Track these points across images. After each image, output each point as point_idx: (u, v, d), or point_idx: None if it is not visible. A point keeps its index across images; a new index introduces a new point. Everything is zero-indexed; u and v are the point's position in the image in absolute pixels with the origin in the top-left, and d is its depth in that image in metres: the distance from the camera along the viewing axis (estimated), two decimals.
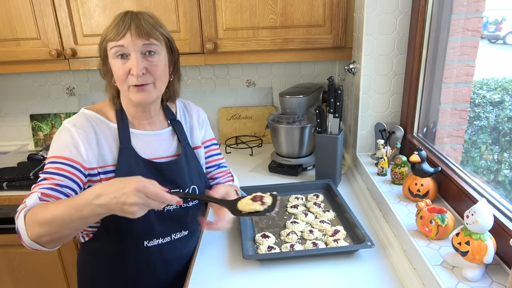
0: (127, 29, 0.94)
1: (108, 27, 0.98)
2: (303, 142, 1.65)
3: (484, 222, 0.80)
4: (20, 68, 1.71)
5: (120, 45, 0.95)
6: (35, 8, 1.58)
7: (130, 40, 0.94)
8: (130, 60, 0.96)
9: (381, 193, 1.24)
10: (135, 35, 0.94)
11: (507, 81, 1.41)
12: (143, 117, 1.08)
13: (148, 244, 1.06)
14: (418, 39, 1.32)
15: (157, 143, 1.09)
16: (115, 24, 0.96)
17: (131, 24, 0.95)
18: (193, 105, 1.25)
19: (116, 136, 1.03)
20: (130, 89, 0.98)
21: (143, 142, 1.06)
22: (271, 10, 1.56)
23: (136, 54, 0.95)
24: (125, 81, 0.97)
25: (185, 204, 1.11)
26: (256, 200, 0.91)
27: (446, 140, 1.35)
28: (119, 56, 0.96)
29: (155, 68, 0.98)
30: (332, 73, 1.97)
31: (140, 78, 0.95)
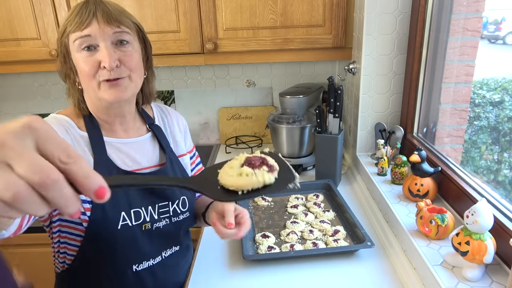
0: (92, 15, 0.81)
1: (67, 18, 0.83)
2: (303, 142, 1.65)
3: (484, 222, 0.80)
4: (20, 68, 1.71)
5: (85, 35, 0.81)
6: (35, 8, 1.58)
7: (98, 28, 0.81)
8: (99, 51, 0.82)
9: (381, 193, 1.24)
10: (104, 22, 0.81)
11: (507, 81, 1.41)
12: (117, 122, 0.93)
13: (137, 269, 0.92)
14: (418, 39, 1.32)
15: (137, 152, 0.95)
16: (76, 13, 0.82)
17: (97, 9, 0.82)
18: (171, 109, 1.11)
19: (89, 145, 0.87)
20: (101, 85, 0.83)
21: (121, 152, 0.92)
22: (271, 10, 1.56)
23: (106, 43, 0.82)
24: (93, 77, 0.82)
25: (176, 218, 0.97)
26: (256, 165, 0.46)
27: (446, 140, 1.35)
28: (85, 49, 0.82)
29: (129, 59, 0.84)
30: (332, 73, 1.97)
31: (113, 71, 0.82)
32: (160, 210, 0.94)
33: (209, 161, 1.86)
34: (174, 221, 0.97)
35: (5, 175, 0.31)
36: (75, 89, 0.90)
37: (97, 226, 0.85)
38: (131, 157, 0.93)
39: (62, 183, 0.33)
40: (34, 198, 0.32)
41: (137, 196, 0.91)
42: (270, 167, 0.46)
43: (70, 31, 0.82)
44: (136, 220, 0.89)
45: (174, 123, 1.07)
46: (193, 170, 1.13)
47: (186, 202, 0.99)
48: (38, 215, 0.34)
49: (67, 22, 0.83)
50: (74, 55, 0.84)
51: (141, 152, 0.96)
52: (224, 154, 1.95)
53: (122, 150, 0.93)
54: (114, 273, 0.91)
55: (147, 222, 0.91)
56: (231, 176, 0.45)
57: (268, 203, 1.37)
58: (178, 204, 0.97)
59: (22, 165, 0.31)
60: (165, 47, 1.62)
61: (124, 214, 0.87)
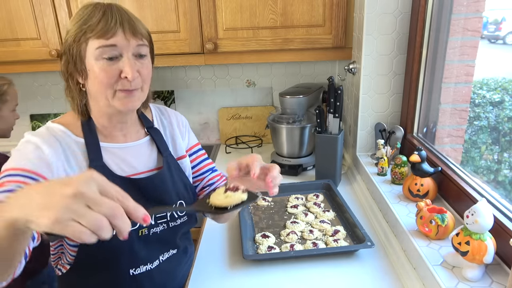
0: (119, 25, 0.79)
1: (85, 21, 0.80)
2: (303, 142, 1.65)
3: (484, 222, 0.80)
4: (20, 68, 1.71)
5: (110, 45, 0.79)
6: (35, 8, 1.58)
7: (124, 39, 0.80)
8: (121, 61, 0.81)
9: (381, 193, 1.24)
10: (130, 33, 0.80)
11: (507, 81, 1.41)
12: (117, 127, 0.92)
13: (134, 273, 0.91)
14: (418, 39, 1.32)
15: (134, 156, 0.94)
16: (99, 18, 0.79)
17: (123, 19, 0.80)
18: (170, 110, 1.09)
19: (84, 152, 0.87)
20: (116, 94, 0.83)
21: (117, 157, 0.91)
22: (271, 10, 1.56)
23: (129, 54, 0.81)
24: (111, 86, 0.82)
25: (173, 223, 0.96)
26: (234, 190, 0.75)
27: (446, 140, 1.35)
28: (106, 58, 0.80)
29: (146, 71, 0.86)
30: (332, 73, 1.97)
31: (133, 82, 0.83)
32: (158, 216, 0.93)
33: None
34: (172, 225, 0.96)
35: (90, 213, 0.48)
36: (79, 92, 0.88)
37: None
38: (127, 162, 0.92)
39: (124, 214, 0.51)
40: (108, 226, 0.49)
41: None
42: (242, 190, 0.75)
43: (92, 36, 0.79)
44: (132, 226, 0.86)
45: (173, 124, 1.06)
46: (199, 165, 1.10)
47: (183, 206, 0.98)
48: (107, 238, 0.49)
49: (87, 27, 0.79)
50: (90, 61, 0.81)
51: (138, 156, 0.95)
52: (224, 154, 1.95)
53: (119, 155, 0.91)
54: (111, 277, 0.90)
55: (144, 228, 0.91)
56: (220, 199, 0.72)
57: (268, 203, 1.37)
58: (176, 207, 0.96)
59: (100, 206, 0.49)
60: (165, 47, 1.62)
61: None
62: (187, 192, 1.01)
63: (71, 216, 0.47)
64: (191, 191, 1.03)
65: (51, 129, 0.86)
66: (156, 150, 0.99)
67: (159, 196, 0.93)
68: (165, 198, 0.94)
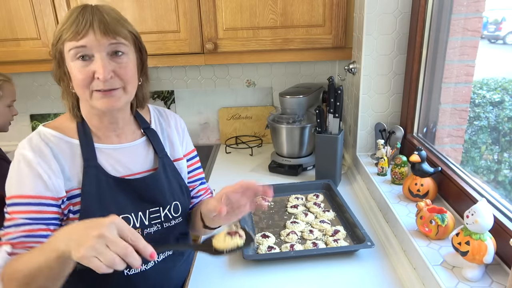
0: (89, 26, 0.79)
1: (63, 24, 0.82)
2: (303, 142, 1.65)
3: (484, 222, 0.80)
4: (20, 68, 1.71)
5: (81, 46, 0.80)
6: (35, 8, 1.58)
7: (94, 39, 0.80)
8: (94, 61, 0.81)
9: (381, 193, 1.24)
10: (100, 33, 0.80)
11: (507, 81, 1.41)
12: (110, 128, 0.93)
13: (129, 273, 0.92)
14: (418, 39, 1.32)
15: (129, 157, 0.94)
16: (72, 21, 0.80)
17: (93, 19, 0.80)
18: (169, 112, 1.09)
19: (79, 154, 0.88)
20: (93, 95, 0.84)
21: (112, 158, 0.92)
22: (271, 10, 1.56)
23: (101, 54, 0.81)
24: (87, 86, 0.83)
25: (167, 223, 0.96)
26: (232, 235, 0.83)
27: (446, 140, 1.35)
28: (79, 58, 0.81)
29: (124, 71, 0.84)
30: (332, 73, 1.97)
31: (107, 82, 0.82)
32: (151, 216, 0.93)
33: (209, 161, 1.86)
34: (166, 226, 0.96)
35: (107, 252, 0.62)
36: (69, 93, 0.89)
37: None
38: (122, 163, 0.93)
39: (133, 252, 0.64)
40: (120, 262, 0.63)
41: (127, 202, 0.90)
42: (240, 236, 0.83)
43: (66, 39, 0.81)
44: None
45: (172, 126, 1.06)
46: (191, 173, 1.10)
47: (178, 207, 0.98)
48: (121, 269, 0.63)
49: (63, 29, 0.81)
50: (69, 63, 0.83)
51: (133, 157, 0.95)
52: (224, 154, 1.95)
53: (113, 156, 0.92)
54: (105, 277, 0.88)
55: (137, 228, 0.91)
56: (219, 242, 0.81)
57: (268, 203, 1.37)
58: (170, 209, 0.96)
59: (116, 247, 0.63)
60: (165, 47, 1.62)
61: None
62: (182, 193, 1.01)
63: (94, 254, 0.62)
64: (186, 193, 1.03)
65: (43, 135, 0.87)
66: (152, 151, 0.99)
67: (154, 197, 0.94)
68: (160, 198, 0.95)
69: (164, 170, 0.97)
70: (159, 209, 0.95)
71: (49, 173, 0.83)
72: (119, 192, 0.90)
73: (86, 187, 0.86)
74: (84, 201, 0.86)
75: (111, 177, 0.89)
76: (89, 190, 0.86)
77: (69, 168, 0.87)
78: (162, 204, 0.95)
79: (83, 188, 0.86)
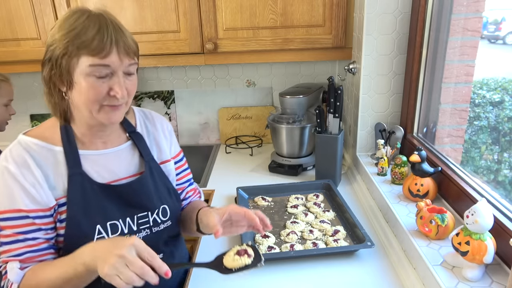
0: (114, 44, 0.78)
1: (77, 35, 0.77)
2: (303, 142, 1.65)
3: (484, 222, 0.80)
4: (20, 68, 1.71)
5: (105, 65, 0.79)
6: (35, 8, 1.58)
7: (118, 59, 0.79)
8: (112, 80, 0.81)
9: (381, 193, 1.24)
10: (124, 53, 0.80)
11: (507, 81, 1.41)
12: (97, 135, 0.91)
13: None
14: (418, 39, 1.32)
15: (114, 162, 0.92)
16: (93, 35, 0.77)
17: (118, 39, 0.79)
18: (155, 114, 1.07)
19: (63, 161, 0.86)
20: (102, 109, 0.83)
21: (97, 164, 0.90)
22: (271, 10, 1.56)
23: (120, 73, 0.81)
24: (99, 101, 0.81)
25: (156, 228, 0.95)
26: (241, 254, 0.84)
27: (446, 140, 1.35)
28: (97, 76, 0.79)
29: (133, 88, 0.86)
30: (332, 73, 1.97)
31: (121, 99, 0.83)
32: (140, 221, 0.93)
33: (209, 161, 1.86)
34: (155, 231, 0.95)
35: (127, 271, 0.68)
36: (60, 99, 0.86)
37: (72, 240, 0.85)
38: (107, 169, 0.91)
39: (150, 271, 0.70)
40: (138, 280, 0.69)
41: (114, 208, 0.89)
42: (249, 255, 0.84)
43: (85, 54, 0.77)
44: (113, 233, 0.88)
45: (158, 128, 1.04)
46: (179, 175, 1.09)
47: (167, 210, 0.97)
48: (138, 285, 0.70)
49: (81, 43, 0.77)
50: (79, 76, 0.79)
51: (119, 162, 0.93)
52: (224, 154, 1.95)
53: (98, 162, 0.90)
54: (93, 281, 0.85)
55: (125, 234, 0.90)
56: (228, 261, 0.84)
57: (268, 203, 1.37)
58: (158, 213, 0.95)
59: (134, 267, 0.69)
60: (165, 47, 1.62)
61: (99, 227, 0.86)
62: (170, 196, 1.00)
63: (115, 272, 0.69)
64: (174, 195, 1.02)
65: (24, 144, 0.85)
66: (138, 154, 0.97)
67: (141, 201, 0.93)
68: (147, 203, 0.94)
69: (150, 174, 0.96)
70: (147, 214, 0.93)
71: (35, 185, 0.82)
72: (105, 199, 0.88)
73: (71, 195, 0.85)
74: (70, 209, 0.85)
75: (96, 184, 0.88)
76: (74, 198, 0.85)
77: (53, 176, 0.85)
78: (150, 209, 0.94)
79: (68, 196, 0.85)
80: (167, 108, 2.07)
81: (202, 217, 0.97)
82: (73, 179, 0.85)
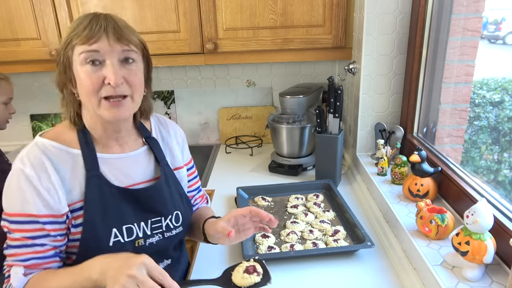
0: (103, 31, 0.79)
1: (73, 30, 0.81)
2: (303, 142, 1.65)
3: (484, 222, 0.80)
4: (20, 68, 1.71)
5: (93, 50, 0.79)
6: (35, 8, 1.58)
7: (107, 45, 0.80)
8: (104, 67, 0.81)
9: (381, 193, 1.24)
10: (114, 39, 0.80)
11: (507, 81, 1.41)
12: (112, 137, 0.91)
13: None
14: (418, 39, 1.32)
15: (131, 166, 0.93)
16: (85, 26, 0.80)
17: (108, 25, 0.80)
18: (169, 121, 1.08)
19: (81, 164, 0.86)
20: (101, 103, 0.82)
21: (114, 168, 0.90)
22: (271, 10, 1.56)
23: (113, 60, 0.81)
24: (96, 92, 0.81)
25: (169, 233, 0.95)
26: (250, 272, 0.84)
27: (446, 140, 1.35)
28: (89, 63, 0.80)
29: (134, 78, 0.84)
30: (332, 73, 1.97)
31: (117, 88, 0.81)
32: (153, 226, 0.93)
33: (209, 161, 1.86)
34: (167, 236, 0.95)
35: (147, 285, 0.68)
36: (72, 101, 0.87)
37: (88, 244, 0.85)
38: (124, 173, 0.91)
39: None
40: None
41: (130, 212, 0.89)
42: (258, 272, 0.84)
43: (77, 43, 0.79)
44: (128, 237, 0.88)
45: (171, 135, 1.05)
46: (190, 182, 1.10)
47: (179, 216, 0.97)
48: None
49: (74, 34, 0.80)
50: (77, 67, 0.81)
51: (135, 166, 0.94)
52: (224, 154, 1.95)
53: (116, 166, 0.90)
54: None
55: (140, 238, 0.90)
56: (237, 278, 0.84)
57: (268, 203, 1.37)
58: (172, 219, 0.96)
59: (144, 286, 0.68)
60: (165, 47, 1.62)
61: (115, 231, 0.86)
62: (182, 203, 1.00)
63: None
64: (186, 201, 1.02)
65: (42, 146, 0.84)
66: (153, 159, 0.98)
67: (156, 207, 0.93)
68: (162, 208, 0.94)
69: (166, 180, 0.96)
70: (161, 219, 0.94)
71: (50, 190, 0.81)
72: (122, 202, 0.88)
73: (89, 196, 0.84)
74: (88, 212, 0.84)
75: (114, 187, 0.88)
76: (92, 200, 0.84)
77: (69, 179, 0.84)
78: (164, 214, 0.94)
79: (86, 199, 0.84)
80: (167, 108, 2.07)
81: (209, 230, 0.98)
82: (92, 181, 0.85)
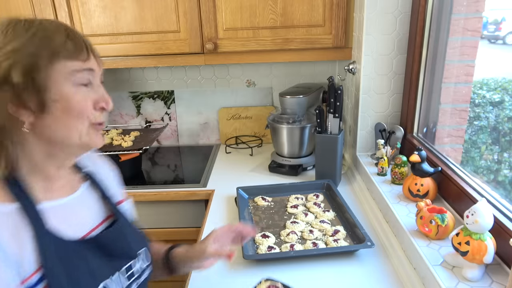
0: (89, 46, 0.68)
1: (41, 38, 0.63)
2: (303, 142, 1.65)
3: (484, 222, 0.80)
4: None
5: (89, 69, 0.67)
6: (35, 8, 1.58)
7: (96, 64, 0.69)
8: (95, 89, 0.69)
9: (381, 193, 1.24)
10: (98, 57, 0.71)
11: (507, 81, 1.41)
12: (56, 176, 0.72)
13: None
14: (418, 39, 1.32)
15: (81, 210, 0.76)
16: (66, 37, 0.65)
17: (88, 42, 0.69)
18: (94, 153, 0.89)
19: (23, 222, 0.63)
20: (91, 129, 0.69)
21: (63, 216, 0.70)
22: (271, 10, 1.56)
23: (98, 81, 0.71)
24: (88, 117, 0.68)
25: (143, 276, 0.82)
26: None
27: (446, 140, 1.35)
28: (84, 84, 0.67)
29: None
30: (332, 73, 1.97)
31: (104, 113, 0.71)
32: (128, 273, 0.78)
33: (209, 161, 1.86)
34: (143, 280, 0.83)
35: None
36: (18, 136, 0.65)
37: None
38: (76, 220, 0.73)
39: None
40: None
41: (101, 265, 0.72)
42: None
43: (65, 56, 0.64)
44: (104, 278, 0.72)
45: (99, 164, 0.88)
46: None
47: (147, 253, 0.85)
48: None
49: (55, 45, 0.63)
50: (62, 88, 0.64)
51: (85, 208, 0.77)
52: (224, 154, 1.95)
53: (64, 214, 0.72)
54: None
55: None
56: None
57: (268, 203, 1.37)
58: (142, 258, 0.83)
59: None
60: (165, 47, 1.62)
61: None
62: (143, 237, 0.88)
63: None
64: (144, 236, 0.89)
65: None
66: (97, 196, 0.81)
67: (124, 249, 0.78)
68: (129, 250, 0.80)
69: (120, 216, 0.81)
70: (131, 264, 0.79)
71: None
72: (87, 257, 0.70)
73: (48, 264, 0.63)
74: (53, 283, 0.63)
75: (72, 242, 0.69)
76: (52, 267, 0.63)
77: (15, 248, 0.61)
78: (132, 256, 0.80)
79: (45, 266, 0.63)
80: (167, 108, 2.07)
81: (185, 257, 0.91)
82: (43, 242, 0.64)
